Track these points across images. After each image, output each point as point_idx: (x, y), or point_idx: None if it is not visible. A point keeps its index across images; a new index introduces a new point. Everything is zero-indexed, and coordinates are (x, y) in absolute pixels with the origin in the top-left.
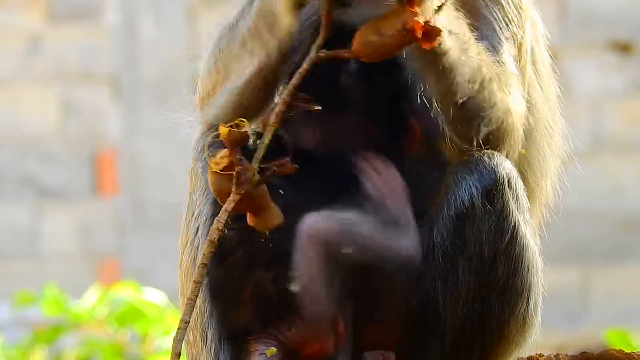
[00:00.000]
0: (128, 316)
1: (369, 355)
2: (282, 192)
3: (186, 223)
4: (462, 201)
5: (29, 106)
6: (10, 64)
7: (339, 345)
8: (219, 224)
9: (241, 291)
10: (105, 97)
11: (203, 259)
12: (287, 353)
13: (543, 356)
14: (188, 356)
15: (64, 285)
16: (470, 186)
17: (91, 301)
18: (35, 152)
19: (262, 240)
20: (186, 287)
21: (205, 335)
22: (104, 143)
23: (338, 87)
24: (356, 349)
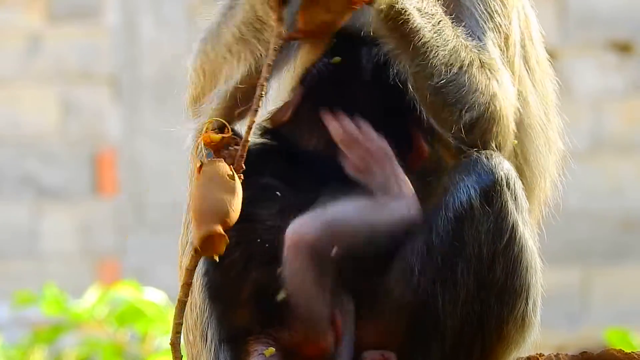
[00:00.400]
0: (128, 316)
1: (369, 354)
2: (279, 194)
3: (186, 223)
4: (461, 202)
5: (29, 106)
6: (10, 64)
7: (338, 344)
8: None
9: (239, 292)
10: (105, 97)
11: (189, 265)
12: (286, 353)
13: (543, 356)
14: (188, 356)
15: (64, 285)
16: (468, 187)
17: (91, 301)
18: (35, 152)
19: (259, 241)
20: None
21: (205, 335)
22: (104, 143)
23: (351, 97)
24: (356, 349)
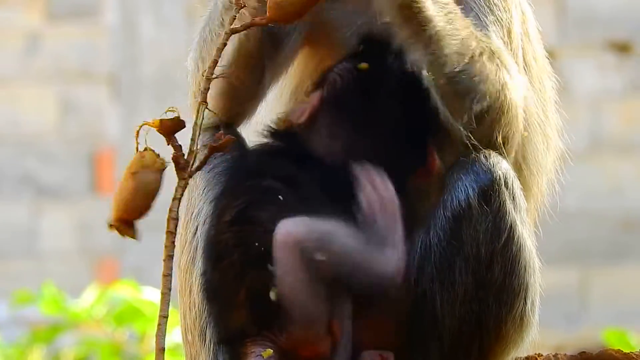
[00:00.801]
0: (126, 315)
1: (368, 355)
2: (281, 198)
3: (185, 222)
4: (459, 201)
5: (28, 105)
6: (9, 63)
7: (336, 345)
8: (173, 213)
9: (236, 293)
10: (104, 96)
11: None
12: (284, 355)
13: (542, 356)
14: (187, 356)
15: (63, 284)
16: (466, 186)
17: (89, 300)
18: (34, 151)
19: (258, 244)
20: (184, 287)
21: (203, 335)
22: (103, 142)
23: (372, 105)
24: (355, 349)
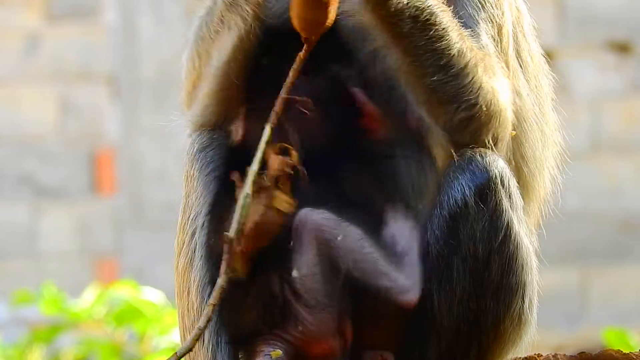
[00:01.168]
0: (126, 315)
1: (368, 355)
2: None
3: (182, 225)
4: (455, 200)
5: (28, 105)
6: (8, 63)
7: (345, 345)
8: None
9: (246, 294)
10: (103, 96)
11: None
12: (293, 354)
13: (541, 356)
14: (186, 356)
15: (62, 284)
16: (463, 185)
17: (89, 300)
18: (33, 151)
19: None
20: (182, 289)
21: (202, 336)
22: (103, 142)
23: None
24: (355, 349)
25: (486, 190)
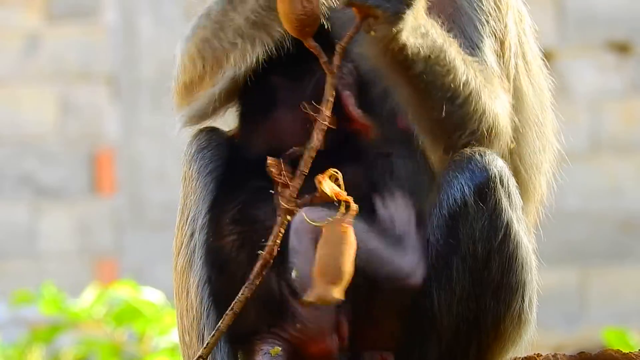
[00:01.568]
0: (126, 315)
1: (368, 355)
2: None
3: (180, 226)
4: (455, 200)
5: (27, 105)
6: (8, 63)
7: (342, 345)
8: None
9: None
10: (103, 97)
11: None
12: (292, 352)
13: (541, 356)
14: (184, 357)
15: (62, 284)
16: (462, 185)
17: (89, 300)
18: (33, 151)
19: (263, 241)
20: (181, 290)
21: (202, 336)
22: (102, 142)
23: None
24: (355, 349)
25: (485, 189)
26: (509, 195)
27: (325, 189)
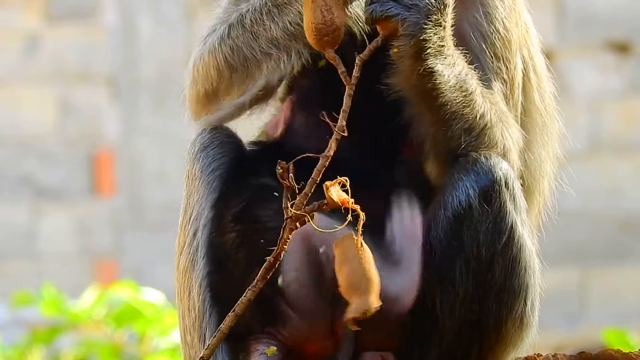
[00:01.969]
0: (126, 316)
1: (368, 356)
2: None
3: (183, 225)
4: (459, 202)
5: (27, 106)
6: (8, 64)
7: (339, 344)
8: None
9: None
10: (103, 97)
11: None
12: (287, 352)
13: (541, 356)
14: (186, 357)
15: (62, 285)
16: (467, 187)
17: (89, 301)
18: (33, 152)
19: (262, 241)
20: (183, 289)
21: (203, 336)
22: (102, 143)
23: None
24: (356, 350)
25: (490, 192)
26: (514, 198)
27: (333, 196)
